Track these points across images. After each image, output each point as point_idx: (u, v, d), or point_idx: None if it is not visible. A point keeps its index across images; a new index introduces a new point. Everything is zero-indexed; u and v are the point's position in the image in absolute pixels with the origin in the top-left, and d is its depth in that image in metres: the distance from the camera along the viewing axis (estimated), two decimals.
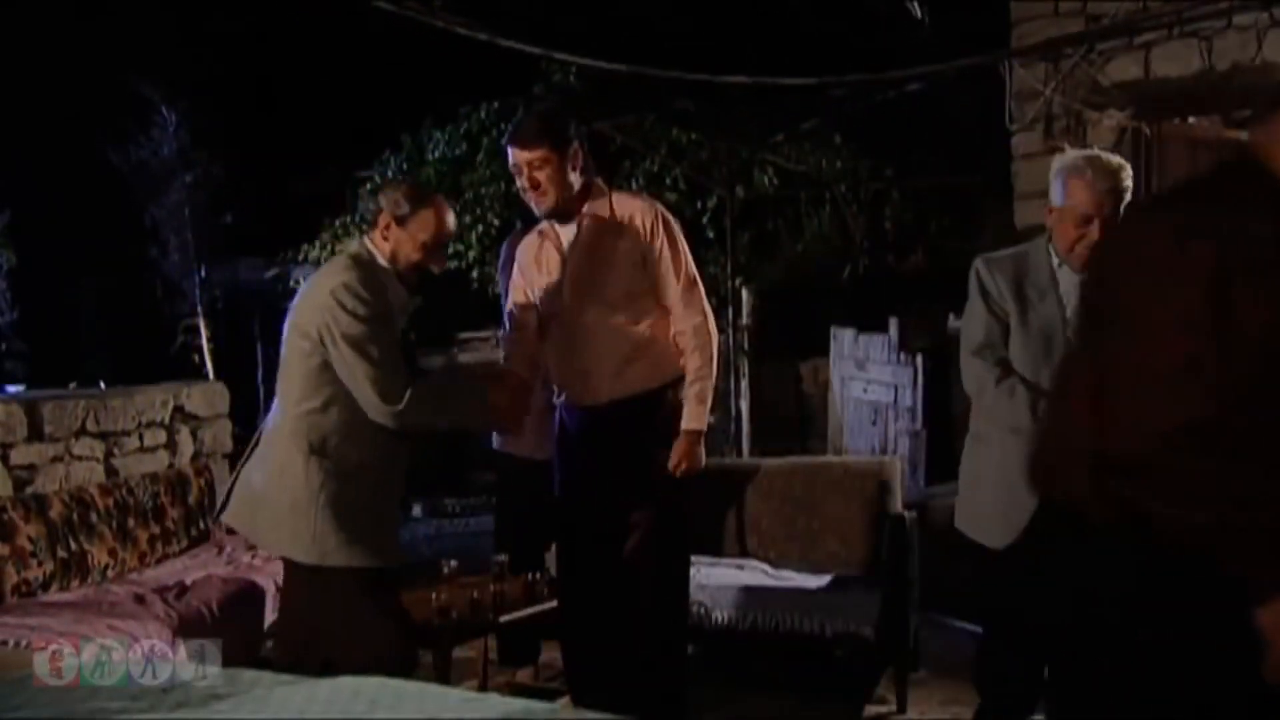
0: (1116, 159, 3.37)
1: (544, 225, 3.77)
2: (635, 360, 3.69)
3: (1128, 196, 3.27)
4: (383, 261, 3.36)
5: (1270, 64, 5.20)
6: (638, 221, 3.67)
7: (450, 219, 3.44)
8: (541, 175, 3.60)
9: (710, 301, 3.90)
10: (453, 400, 3.55)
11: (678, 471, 3.68)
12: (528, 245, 3.84)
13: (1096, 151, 3.53)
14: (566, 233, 3.71)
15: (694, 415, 3.70)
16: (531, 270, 3.79)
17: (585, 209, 3.68)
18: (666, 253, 3.70)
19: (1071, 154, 3.49)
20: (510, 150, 3.66)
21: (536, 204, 3.67)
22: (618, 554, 3.68)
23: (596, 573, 3.75)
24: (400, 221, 3.34)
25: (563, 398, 3.83)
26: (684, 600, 3.91)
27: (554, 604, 4.03)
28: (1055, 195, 3.34)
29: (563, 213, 3.68)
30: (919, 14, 6.38)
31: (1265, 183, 1.99)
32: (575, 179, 3.64)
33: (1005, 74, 5.94)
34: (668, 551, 3.75)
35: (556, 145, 3.59)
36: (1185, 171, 5.70)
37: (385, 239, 3.36)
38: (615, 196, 3.76)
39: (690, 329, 3.72)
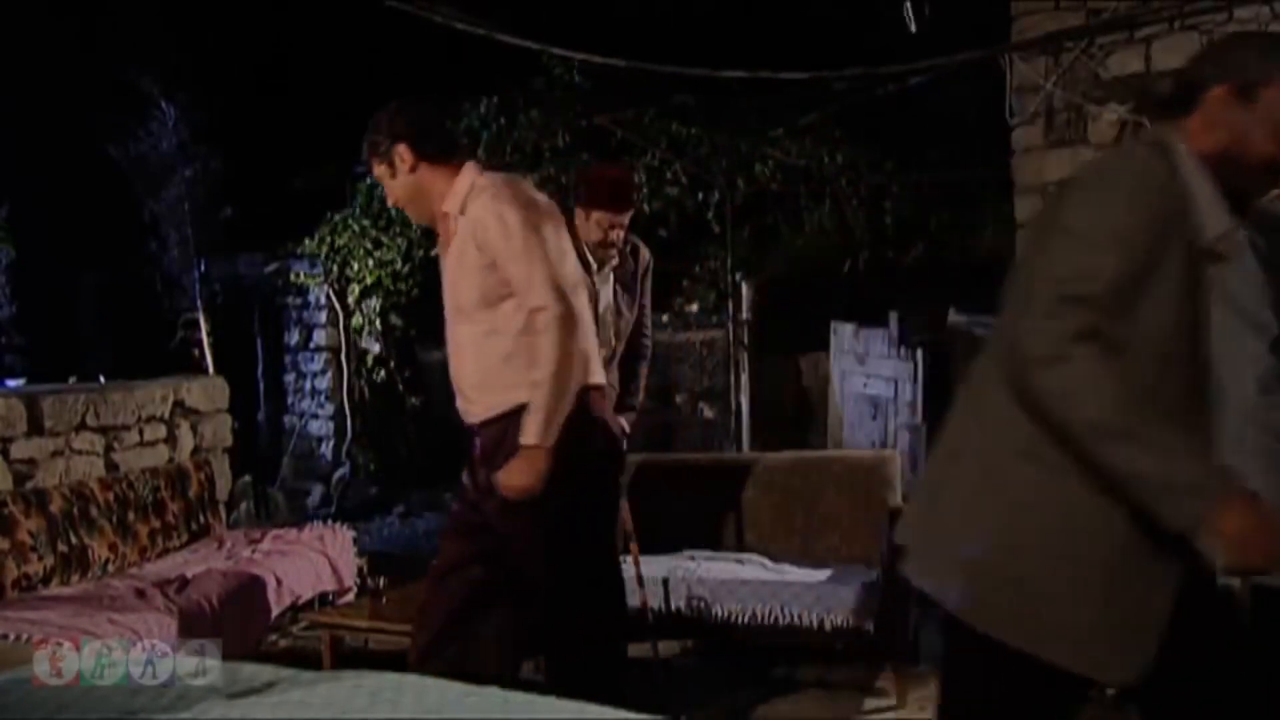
0: None
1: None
2: (494, 376, 3.22)
3: None
4: (1187, 158, 2.03)
5: None
6: (478, 217, 3.20)
7: None
8: (391, 182, 3.37)
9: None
10: None
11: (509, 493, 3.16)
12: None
13: None
14: (443, 235, 3.39)
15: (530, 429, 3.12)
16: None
17: (444, 207, 3.31)
18: (504, 248, 3.15)
19: None
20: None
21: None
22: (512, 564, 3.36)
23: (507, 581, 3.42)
24: (1245, 93, 2.01)
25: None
26: (572, 604, 3.44)
27: None
28: None
29: (421, 214, 3.43)
30: (920, 17, 6.36)
31: None
32: (408, 179, 3.32)
33: (1005, 68, 5.93)
34: (541, 561, 3.33)
35: (375, 152, 3.35)
36: None
37: (1211, 126, 2.03)
38: (475, 185, 3.27)
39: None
